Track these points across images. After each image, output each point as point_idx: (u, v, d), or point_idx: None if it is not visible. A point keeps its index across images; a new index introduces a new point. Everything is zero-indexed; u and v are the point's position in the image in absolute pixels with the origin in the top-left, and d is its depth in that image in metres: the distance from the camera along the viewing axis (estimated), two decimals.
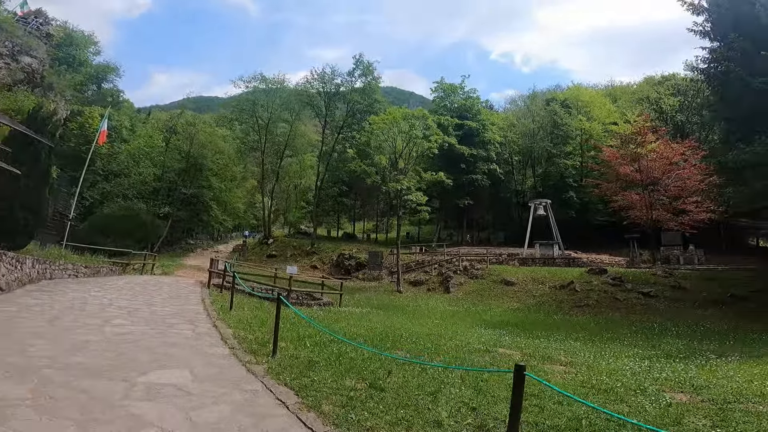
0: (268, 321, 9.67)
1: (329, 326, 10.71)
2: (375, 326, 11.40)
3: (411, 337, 9.72)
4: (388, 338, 9.14)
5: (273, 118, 41.36)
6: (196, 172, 37.62)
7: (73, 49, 33.63)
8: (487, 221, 50.34)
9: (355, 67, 39.48)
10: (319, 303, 16.25)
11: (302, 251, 35.19)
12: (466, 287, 24.36)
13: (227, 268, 14.54)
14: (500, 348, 9.71)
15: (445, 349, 8.53)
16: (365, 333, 9.78)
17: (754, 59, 15.62)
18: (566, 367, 7.78)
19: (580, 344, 11.24)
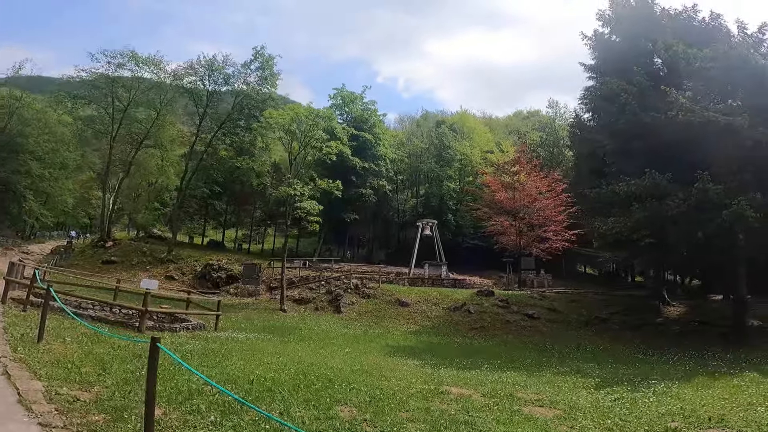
0: (112, 363, 6.00)
1: (220, 366, 7.38)
2: (284, 364, 8.42)
3: (342, 381, 7.10)
4: (315, 387, 6.37)
5: (136, 101, 33.55)
6: (10, 153, 28.43)
7: None
8: (368, 239, 49.53)
9: (254, 59, 34.42)
10: (187, 326, 12.19)
11: (154, 258, 28.60)
12: (359, 307, 22.20)
13: (36, 275, 9.68)
14: (447, 386, 7.76)
15: (400, 397, 6.18)
16: (279, 377, 6.81)
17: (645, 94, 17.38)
18: (556, 410, 6.20)
19: (516, 374, 10.09)
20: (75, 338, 7.57)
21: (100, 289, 16.36)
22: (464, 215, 42.31)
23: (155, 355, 3.38)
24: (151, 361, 3.37)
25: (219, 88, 35.08)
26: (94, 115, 34.31)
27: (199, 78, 34.42)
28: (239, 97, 34.60)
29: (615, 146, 20.94)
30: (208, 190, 36.76)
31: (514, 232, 31.56)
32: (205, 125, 35.29)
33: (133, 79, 33.08)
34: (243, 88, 34.66)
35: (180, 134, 41.08)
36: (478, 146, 45.53)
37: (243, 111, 35.63)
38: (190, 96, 35.49)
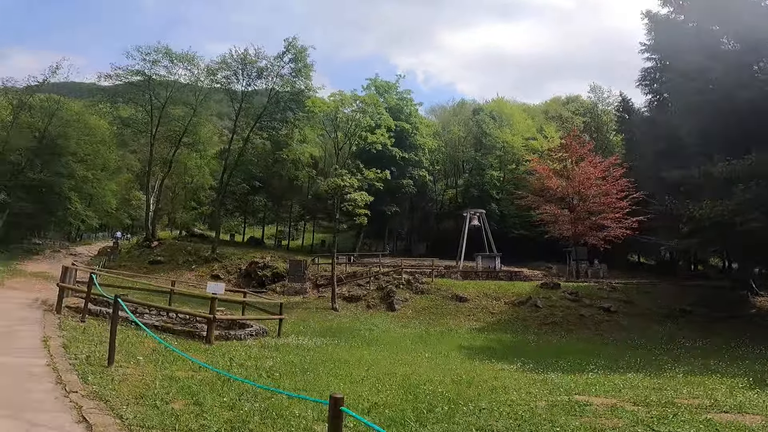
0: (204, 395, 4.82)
1: (316, 388, 6.17)
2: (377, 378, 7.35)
3: (459, 399, 5.90)
4: (441, 411, 5.31)
5: (173, 99, 33.28)
6: (53, 155, 28.52)
7: None
8: (406, 232, 48.13)
9: (286, 51, 33.41)
10: (250, 332, 11.15)
11: (198, 257, 28.17)
12: (413, 304, 20.87)
13: (94, 280, 8.73)
14: (579, 395, 6.44)
15: (546, 416, 5.04)
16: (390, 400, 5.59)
17: None
18: (754, 417, 4.82)
19: (641, 376, 8.89)
20: (147, 356, 6.51)
21: (152, 291, 15.69)
22: (508, 204, 40.35)
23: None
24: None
25: (253, 82, 34.23)
26: (133, 116, 34.24)
27: (233, 72, 33.68)
28: (274, 90, 33.63)
29: (695, 126, 18.77)
30: (247, 186, 36.15)
31: (568, 220, 29.45)
32: (241, 120, 34.61)
33: (169, 75, 32.73)
34: (277, 81, 33.70)
35: (216, 131, 40.81)
36: (519, 133, 43.23)
37: (279, 104, 34.72)
38: (225, 91, 34.89)
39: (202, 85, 34.25)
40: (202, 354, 7.64)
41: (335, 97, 25.90)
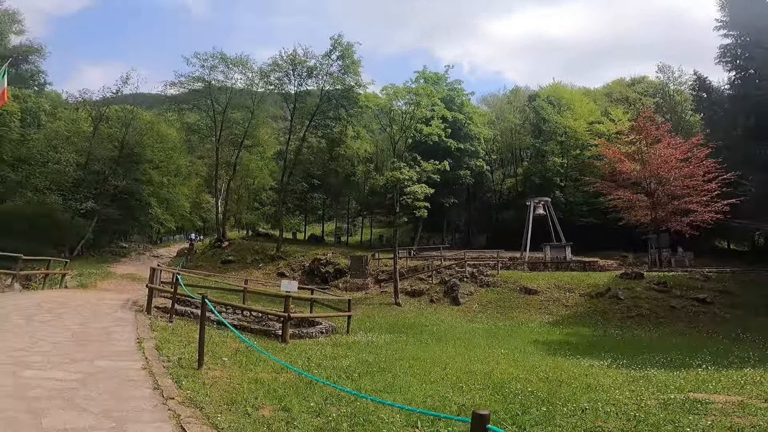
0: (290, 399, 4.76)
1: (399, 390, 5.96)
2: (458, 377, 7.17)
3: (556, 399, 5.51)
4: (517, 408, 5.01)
5: (232, 104, 35.01)
6: (132, 163, 30.85)
7: None
8: (464, 223, 47.03)
9: (333, 49, 33.84)
10: (321, 330, 11.22)
11: (265, 255, 29.35)
12: (478, 297, 20.19)
13: (179, 281, 9.12)
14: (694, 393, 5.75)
15: (664, 416, 4.51)
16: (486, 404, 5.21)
17: None
18: None
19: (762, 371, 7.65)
20: (230, 357, 6.62)
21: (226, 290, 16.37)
22: (574, 191, 38.17)
23: None
24: None
25: (304, 82, 35.05)
26: (198, 122, 36.41)
27: (284, 74, 34.71)
28: (325, 88, 34.20)
29: None
30: (306, 184, 37.12)
31: (645, 206, 26.99)
32: (296, 121, 35.56)
33: (226, 80, 34.45)
34: (327, 79, 34.26)
35: (273, 133, 42.36)
36: (581, 117, 40.66)
37: (330, 102, 35.23)
38: (279, 93, 36.05)
39: (257, 89, 35.63)
40: (280, 354, 7.69)
41: (388, 90, 25.64)
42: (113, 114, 31.97)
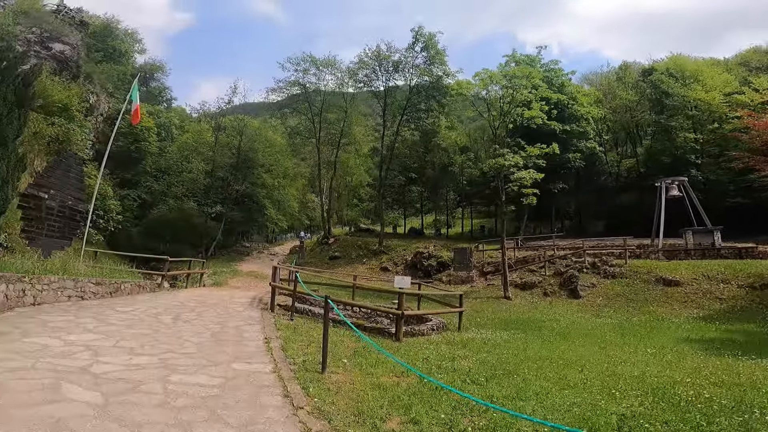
0: (416, 407, 4.45)
1: (521, 390, 5.41)
2: (603, 382, 6.13)
3: (714, 402, 4.47)
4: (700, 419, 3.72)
5: (327, 105, 36.73)
6: (247, 169, 33.95)
7: (112, 40, 30.57)
8: (574, 210, 42.94)
9: (415, 41, 33.57)
10: (432, 327, 10.85)
11: (369, 251, 30.13)
12: (603, 289, 18.04)
13: (298, 279, 9.46)
14: None
15: None
16: (639, 409, 4.34)
17: None
18: None
19: None
20: (350, 358, 6.59)
21: (334, 286, 16.95)
22: (714, 169, 32.63)
23: None
24: None
25: (391, 77, 35.45)
26: (299, 125, 38.88)
27: (371, 70, 35.35)
28: (412, 81, 34.22)
29: None
30: (403, 178, 37.29)
31: None
32: (388, 116, 35.95)
33: (318, 82, 36.23)
34: (413, 72, 34.28)
35: (366, 130, 43.41)
36: (715, 88, 34.53)
37: (420, 94, 34.99)
38: (368, 90, 36.84)
39: (347, 88, 36.99)
40: (396, 354, 7.50)
41: (481, 76, 24.30)
42: (228, 123, 35.43)
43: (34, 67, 7.65)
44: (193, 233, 28.61)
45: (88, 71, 25.32)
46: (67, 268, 9.22)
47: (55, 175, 10.21)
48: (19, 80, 6.92)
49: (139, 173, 28.61)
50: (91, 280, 9.27)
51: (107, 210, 20.49)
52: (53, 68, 22.09)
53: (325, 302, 6.08)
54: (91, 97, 24.76)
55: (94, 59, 26.27)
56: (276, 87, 36.61)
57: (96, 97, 25.81)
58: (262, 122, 38.70)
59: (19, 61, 7.14)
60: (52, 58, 22.74)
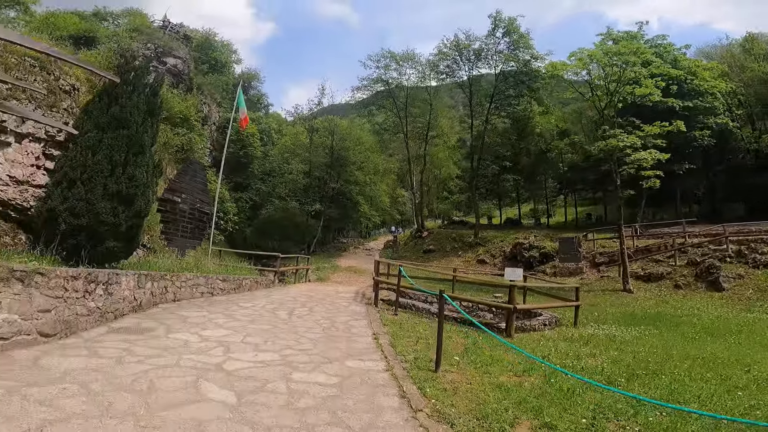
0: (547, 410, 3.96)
1: (675, 392, 4.64)
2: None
3: None
4: None
5: (410, 97, 36.64)
6: (341, 167, 35.33)
7: (212, 52, 33.64)
8: (702, 193, 36.97)
9: (495, 27, 31.97)
10: (544, 321, 9.99)
11: (464, 243, 29.31)
12: (754, 281, 15.14)
13: (402, 273, 9.37)
14: None
15: None
16: None
17: None
18: None
19: None
20: (461, 355, 6.24)
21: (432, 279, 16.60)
22: None
23: None
24: None
25: (474, 65, 34.22)
26: (386, 121, 39.37)
27: (452, 61, 34.46)
28: (497, 68, 32.54)
29: None
30: (496, 167, 35.64)
31: None
32: (475, 106, 34.81)
33: (400, 77, 36.14)
34: (497, 58, 32.69)
35: (453, 122, 42.50)
36: None
37: (507, 81, 33.32)
38: (451, 81, 35.99)
39: (429, 81, 36.54)
40: (510, 351, 6.97)
41: (578, 55, 22.18)
42: (320, 125, 37.21)
43: (156, 78, 8.49)
44: (296, 231, 30.57)
45: (199, 83, 28.16)
46: (199, 266, 10.31)
47: (185, 181, 11.49)
48: (148, 90, 7.77)
49: (248, 177, 31.34)
50: (218, 277, 10.25)
51: (226, 212, 22.80)
52: (170, 82, 24.91)
53: (440, 297, 5.82)
54: (205, 108, 27.59)
55: (201, 71, 29.18)
56: (360, 85, 37.63)
57: (208, 107, 28.71)
58: (350, 121, 39.88)
59: (145, 72, 7.99)
60: (167, 72, 25.48)
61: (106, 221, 6.81)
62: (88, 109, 7.31)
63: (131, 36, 22.68)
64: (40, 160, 7.73)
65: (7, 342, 4.44)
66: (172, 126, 17.80)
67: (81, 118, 7.29)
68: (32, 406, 3.22)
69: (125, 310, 6.68)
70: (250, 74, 38.88)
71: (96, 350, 4.85)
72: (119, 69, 7.97)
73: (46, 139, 7.78)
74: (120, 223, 6.99)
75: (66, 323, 5.23)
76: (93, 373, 4.11)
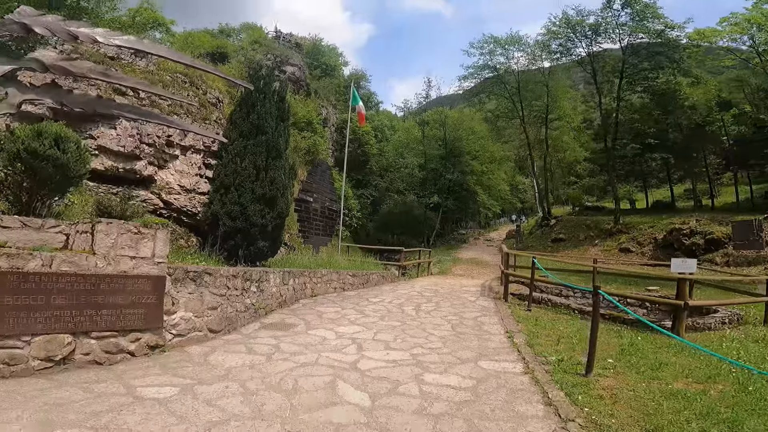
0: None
1: None
2: None
3: None
4: None
5: (522, 81, 34.33)
6: (455, 158, 34.75)
7: (322, 56, 35.63)
8: None
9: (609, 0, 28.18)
10: (721, 320, 8.23)
11: (600, 231, 26.11)
12: None
13: (537, 265, 8.63)
14: None
15: None
16: None
17: None
18: None
19: None
20: (617, 357, 5.43)
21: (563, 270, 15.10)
22: None
23: None
24: None
25: (594, 41, 30.46)
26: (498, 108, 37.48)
27: (565, 39, 30.98)
28: (624, 41, 28.47)
29: None
30: (637, 145, 31.15)
31: None
32: (602, 83, 31.02)
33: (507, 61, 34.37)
34: (621, 31, 28.55)
35: (576, 102, 38.81)
36: None
37: (638, 54, 29.09)
38: (568, 60, 32.69)
39: (541, 63, 33.91)
40: (680, 353, 5.85)
41: (732, 20, 18.15)
42: (430, 117, 37.02)
43: (281, 85, 9.24)
44: (415, 224, 30.95)
45: (314, 87, 30.13)
46: (331, 261, 11.04)
47: (314, 181, 12.43)
48: (276, 97, 8.49)
49: (367, 174, 32.73)
50: (348, 272, 10.84)
51: (350, 209, 24.17)
52: (291, 88, 27.08)
53: (594, 293, 5.13)
54: (323, 110, 29.52)
55: (315, 76, 31.17)
56: (466, 74, 36.50)
57: (326, 109, 30.67)
58: (460, 112, 38.98)
59: (271, 79, 8.73)
60: (287, 80, 27.83)
61: (256, 222, 7.64)
62: (232, 119, 8.29)
63: (253, 48, 25.22)
64: (201, 169, 9.04)
65: (184, 338, 5.20)
66: (298, 130, 19.32)
67: (228, 128, 8.31)
68: (201, 406, 3.56)
69: (273, 306, 7.37)
70: (358, 75, 40.29)
71: (251, 347, 5.37)
72: (250, 78, 8.93)
73: (204, 149, 9.06)
74: (266, 223, 7.77)
75: (228, 320, 5.96)
76: (249, 371, 4.51)
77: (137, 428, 3.09)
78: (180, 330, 5.18)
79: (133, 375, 4.15)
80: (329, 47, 37.07)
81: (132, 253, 4.65)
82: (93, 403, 3.43)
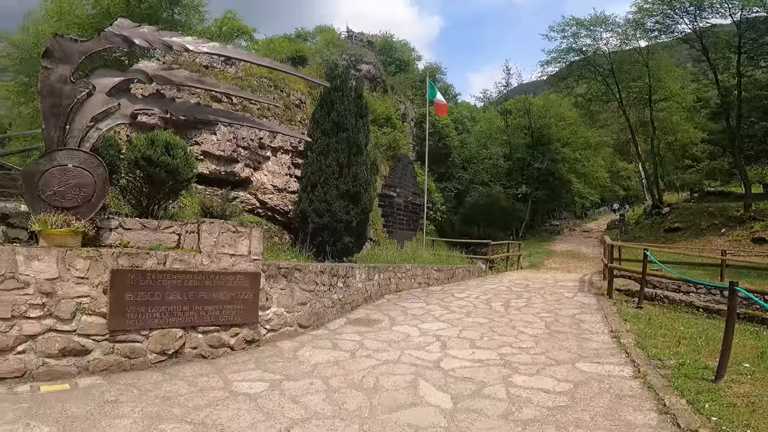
0: None
1: None
2: None
3: None
4: None
5: (615, 62, 30.88)
6: (543, 146, 32.64)
7: (394, 52, 35.48)
8: None
9: None
10: None
11: (727, 218, 22.47)
12: None
13: (650, 257, 7.65)
14: None
15: None
16: None
17: None
18: None
19: None
20: (755, 362, 4.58)
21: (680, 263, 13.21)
22: None
23: None
24: None
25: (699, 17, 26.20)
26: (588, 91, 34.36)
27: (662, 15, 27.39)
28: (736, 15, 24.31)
29: None
30: None
31: None
32: (717, 58, 27.24)
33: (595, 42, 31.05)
34: (734, 4, 24.32)
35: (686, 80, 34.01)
36: None
37: (756, 28, 25.17)
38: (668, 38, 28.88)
39: (636, 42, 30.00)
40: None
41: None
42: (512, 106, 35.16)
43: (357, 82, 9.38)
44: (502, 216, 29.71)
45: (390, 83, 30.22)
46: (415, 256, 10.97)
47: (397, 176, 12.49)
48: (353, 94, 8.62)
49: (449, 166, 32.15)
50: (433, 267, 10.67)
51: (434, 202, 23.95)
52: (368, 86, 27.38)
53: (731, 291, 4.36)
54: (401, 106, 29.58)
55: (390, 72, 31.19)
56: (549, 59, 33.83)
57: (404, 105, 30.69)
58: (545, 98, 36.42)
59: (347, 76, 8.89)
60: (363, 78, 28.25)
61: (341, 218, 7.85)
62: (314, 118, 8.61)
63: (328, 49, 26.10)
64: (291, 169, 9.56)
65: (276, 333, 5.47)
66: (378, 126, 19.55)
67: (311, 127, 8.64)
68: (286, 403, 3.65)
69: (358, 301, 7.47)
70: (433, 68, 39.47)
71: (337, 343, 5.45)
72: (327, 77, 9.21)
73: (292, 150, 9.57)
74: (351, 219, 7.95)
75: (316, 315, 6.17)
76: (333, 368, 4.55)
77: (228, 424, 3.23)
78: (273, 325, 5.46)
79: (231, 369, 4.39)
80: (401, 43, 37.01)
81: (231, 251, 4.99)
82: (195, 398, 3.67)
